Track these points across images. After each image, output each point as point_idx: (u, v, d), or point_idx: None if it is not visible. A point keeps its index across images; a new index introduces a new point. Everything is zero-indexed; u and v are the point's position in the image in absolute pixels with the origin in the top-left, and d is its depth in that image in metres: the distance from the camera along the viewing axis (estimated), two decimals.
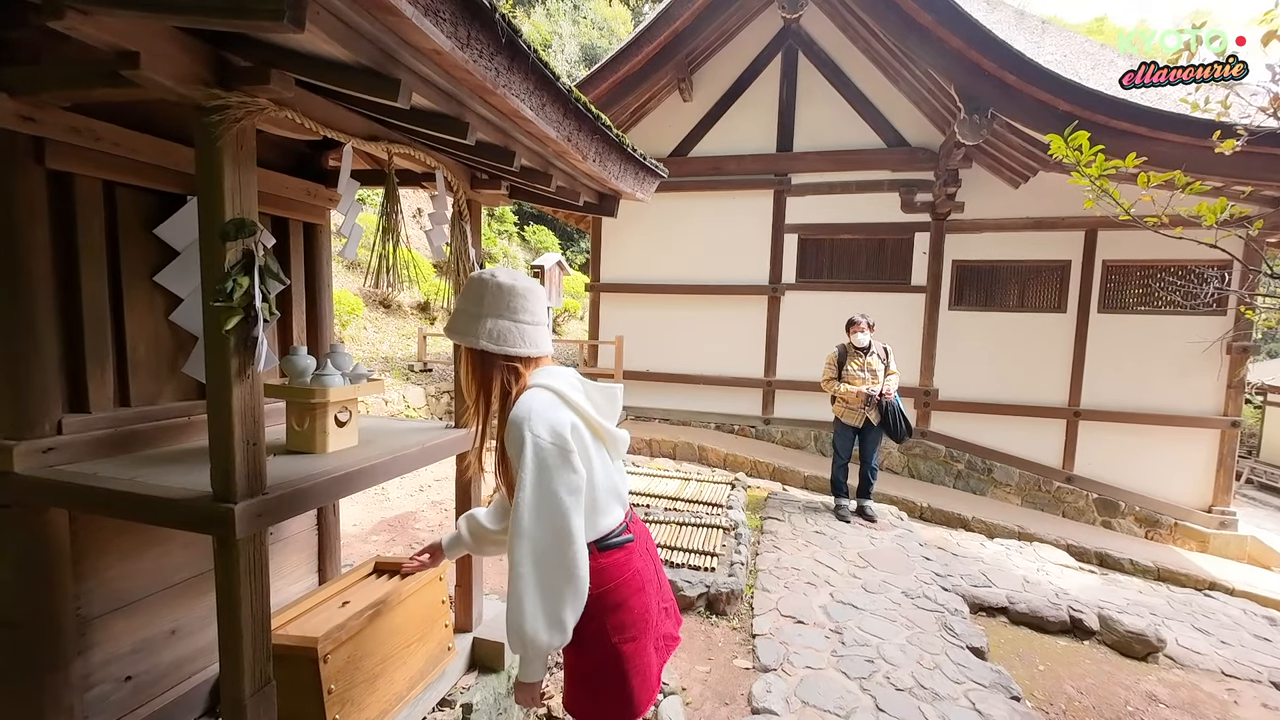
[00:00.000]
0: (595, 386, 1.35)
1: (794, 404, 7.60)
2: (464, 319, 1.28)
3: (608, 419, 1.33)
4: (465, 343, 1.28)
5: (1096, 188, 2.40)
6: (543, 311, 1.31)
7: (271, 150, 2.02)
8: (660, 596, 1.43)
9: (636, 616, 1.31)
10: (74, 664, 1.50)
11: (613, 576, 1.28)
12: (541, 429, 1.16)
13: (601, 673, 1.29)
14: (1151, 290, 6.55)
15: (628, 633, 1.29)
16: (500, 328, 1.24)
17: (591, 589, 1.21)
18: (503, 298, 1.25)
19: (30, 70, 1.30)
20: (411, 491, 5.20)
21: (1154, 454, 6.53)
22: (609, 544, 1.30)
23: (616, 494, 1.34)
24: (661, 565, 1.50)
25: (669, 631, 1.45)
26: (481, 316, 1.25)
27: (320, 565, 2.34)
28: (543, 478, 1.15)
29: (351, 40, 1.02)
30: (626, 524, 1.36)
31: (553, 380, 1.25)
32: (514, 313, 1.26)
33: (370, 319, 9.82)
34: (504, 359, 1.26)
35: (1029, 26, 7.58)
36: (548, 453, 1.15)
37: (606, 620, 1.27)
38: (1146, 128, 4.75)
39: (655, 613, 1.37)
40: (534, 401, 1.20)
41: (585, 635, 1.26)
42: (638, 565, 1.34)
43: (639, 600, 1.31)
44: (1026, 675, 3.03)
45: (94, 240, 1.54)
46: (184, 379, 1.80)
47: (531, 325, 1.28)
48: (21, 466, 1.38)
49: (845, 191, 7.35)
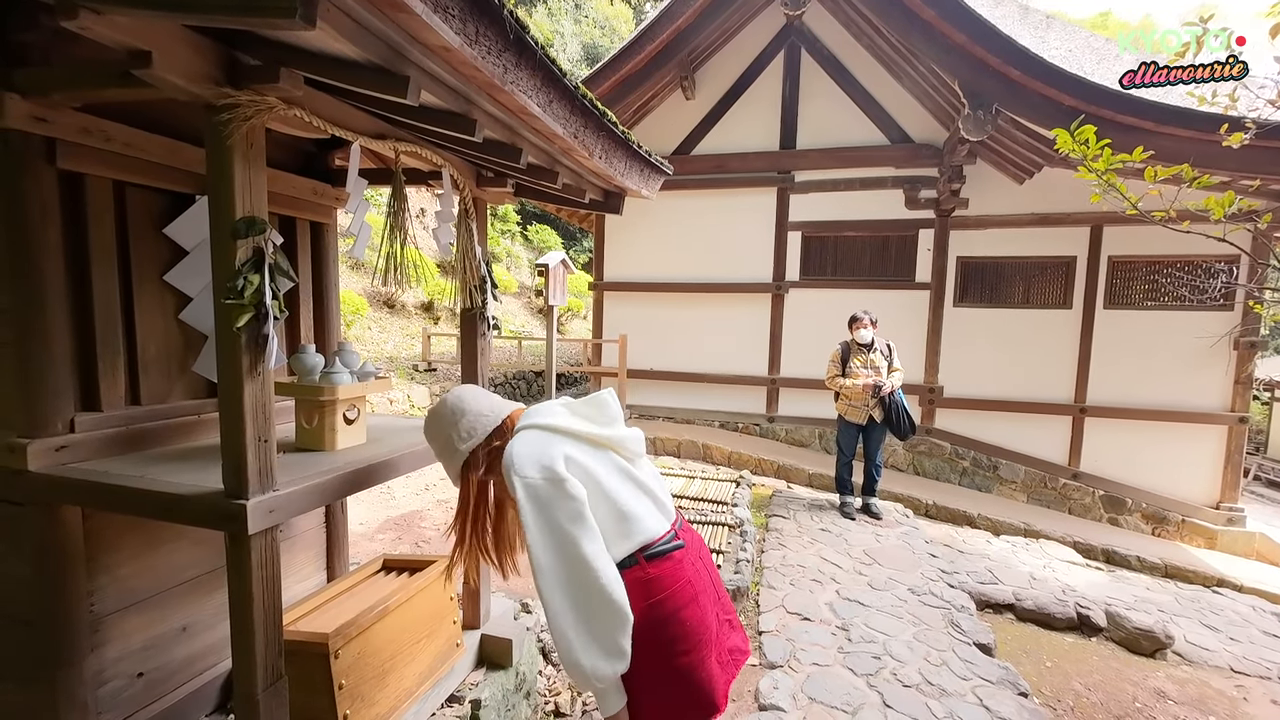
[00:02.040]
0: (581, 402, 1.36)
1: (798, 402, 7.59)
2: (445, 454, 1.37)
3: (605, 426, 1.31)
4: (460, 461, 1.35)
5: (1103, 182, 2.39)
6: (479, 396, 1.40)
7: (278, 149, 2.03)
8: (719, 607, 1.34)
9: (689, 629, 1.22)
10: (87, 660, 1.51)
11: (662, 587, 1.21)
12: (527, 468, 1.17)
13: (658, 691, 1.21)
14: (1158, 285, 6.52)
15: (680, 645, 1.21)
16: (464, 426, 1.34)
17: (639, 602, 1.17)
18: (447, 414, 1.36)
19: (41, 71, 1.31)
20: (417, 490, 5.22)
21: (1161, 450, 6.51)
22: (655, 552, 1.23)
23: (649, 500, 1.29)
24: (719, 574, 1.41)
25: (736, 645, 1.37)
26: (450, 438, 1.34)
27: (329, 563, 2.35)
28: (541, 515, 1.15)
29: (361, 37, 1.03)
30: (675, 531, 1.30)
31: (533, 417, 1.29)
32: (463, 413, 1.35)
33: (375, 319, 9.86)
34: (484, 444, 1.34)
35: (1033, 21, 7.55)
36: (538, 489, 1.16)
37: (657, 635, 1.19)
38: (1153, 122, 4.73)
39: (714, 624, 1.29)
40: (516, 447, 1.22)
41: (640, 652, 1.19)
42: (689, 575, 1.26)
43: (692, 612, 1.23)
44: (1034, 672, 3.03)
45: (105, 240, 1.55)
46: (194, 377, 1.81)
47: (479, 408, 1.36)
48: (35, 465, 1.39)
49: (849, 189, 7.34)
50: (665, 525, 1.29)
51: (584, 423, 1.30)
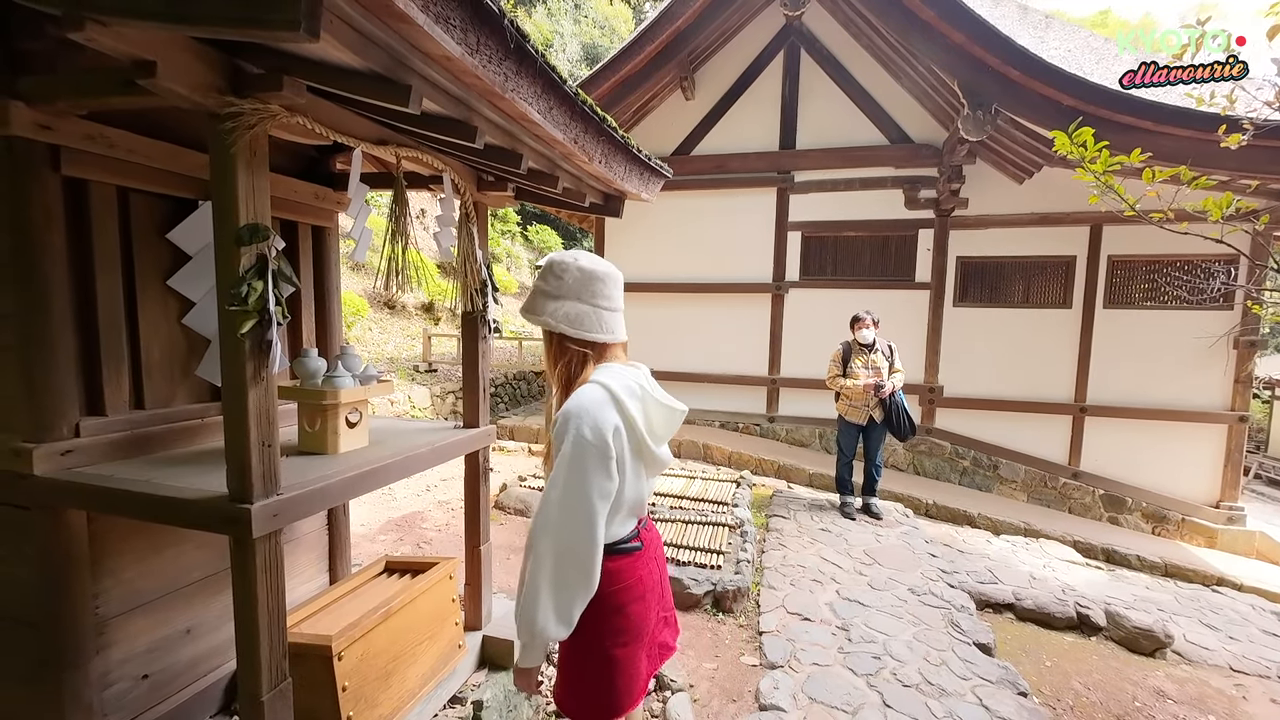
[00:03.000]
0: (657, 402, 1.30)
1: (799, 402, 7.60)
2: (541, 300, 1.28)
3: (657, 439, 1.30)
4: (540, 324, 1.28)
5: (1101, 183, 2.40)
6: (620, 298, 1.32)
7: (280, 154, 2.05)
8: (661, 605, 1.44)
9: (633, 623, 1.32)
10: (93, 662, 1.52)
11: (616, 581, 1.29)
12: (587, 427, 1.15)
13: (591, 673, 1.32)
14: (1157, 285, 6.52)
15: (621, 638, 1.31)
16: (578, 311, 1.25)
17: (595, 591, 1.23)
18: (584, 282, 1.26)
19: (46, 80, 1.32)
20: (418, 491, 5.23)
21: (1161, 450, 6.51)
22: (618, 549, 1.31)
23: (639, 506, 1.35)
24: (666, 573, 1.51)
25: (665, 640, 1.47)
26: (560, 299, 1.26)
27: (331, 565, 2.37)
28: (578, 477, 1.15)
29: (364, 48, 1.04)
30: (638, 531, 1.37)
31: (613, 380, 1.23)
32: (594, 297, 1.26)
33: (375, 320, 9.87)
34: (576, 343, 1.27)
35: (1032, 21, 7.55)
36: (589, 453, 1.15)
37: (604, 624, 1.29)
38: (1151, 122, 4.73)
39: (653, 621, 1.39)
40: (586, 398, 1.19)
41: (582, 635, 1.28)
42: (642, 573, 1.35)
43: (638, 608, 1.33)
44: (1033, 671, 3.04)
45: (108, 245, 1.57)
46: (197, 382, 1.82)
47: (609, 311, 1.29)
48: (41, 469, 1.40)
49: (849, 189, 7.34)
50: (632, 525, 1.35)
51: (644, 423, 1.26)
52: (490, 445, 2.34)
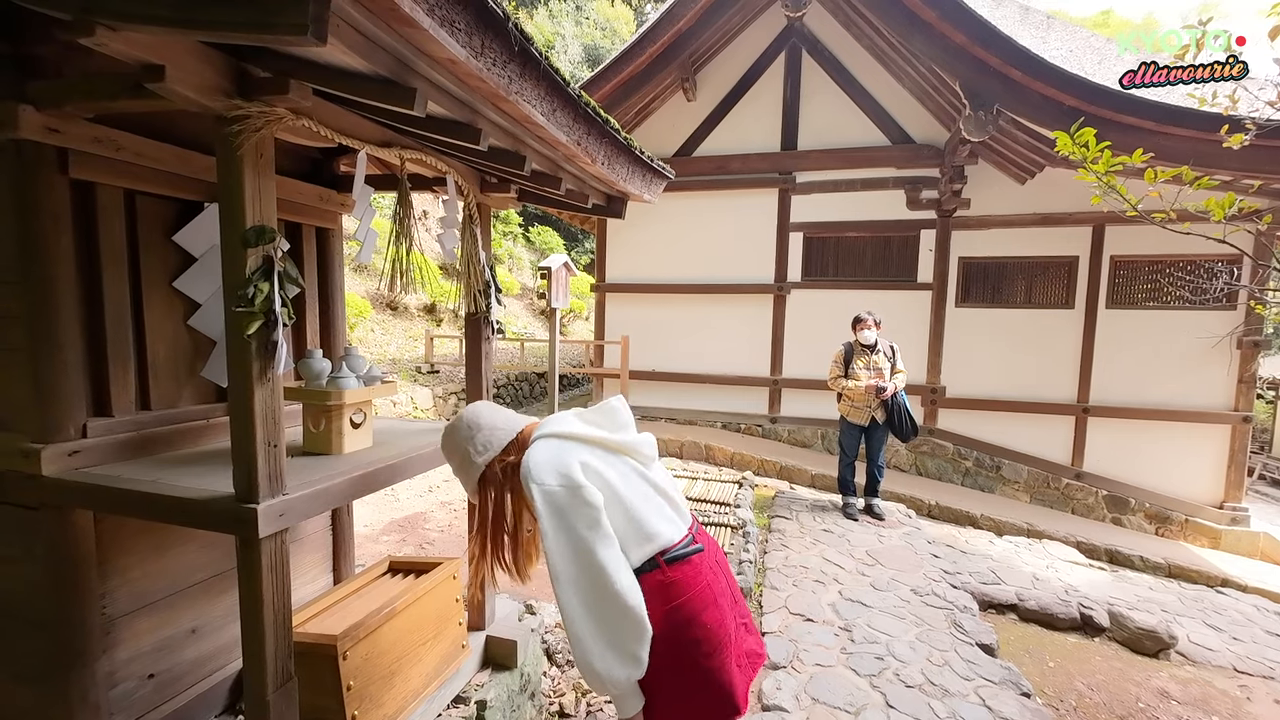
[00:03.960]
0: (592, 410, 1.38)
1: (801, 402, 7.60)
2: (463, 470, 1.39)
3: (617, 432, 1.33)
4: (476, 474, 1.36)
5: (1103, 184, 2.40)
6: (492, 412, 1.42)
7: (285, 156, 2.06)
8: (736, 611, 1.35)
9: (712, 632, 1.22)
10: (99, 662, 1.53)
11: (682, 591, 1.22)
12: (545, 476, 1.18)
13: (683, 695, 1.22)
14: (1160, 285, 6.51)
15: (703, 649, 1.21)
16: (479, 440, 1.36)
17: (661, 606, 1.18)
18: (463, 429, 1.38)
19: (54, 84, 1.33)
20: (421, 492, 5.25)
21: (1164, 450, 6.50)
22: (674, 556, 1.24)
23: (665, 504, 1.30)
24: (734, 578, 1.42)
25: (752, 648, 1.37)
26: (467, 453, 1.36)
27: (335, 565, 2.38)
28: (559, 521, 1.16)
29: (370, 51, 1.05)
30: (693, 534, 1.30)
31: (548, 427, 1.31)
32: (479, 428, 1.37)
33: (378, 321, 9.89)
34: (500, 457, 1.35)
35: (1034, 21, 7.55)
36: (556, 496, 1.17)
37: (681, 637, 1.20)
38: (1154, 122, 4.73)
39: (733, 627, 1.29)
40: (533, 456, 1.23)
41: (662, 658, 1.19)
42: (708, 578, 1.27)
43: (713, 615, 1.24)
44: (1036, 672, 3.03)
45: (115, 247, 1.58)
46: (202, 382, 1.83)
47: (492, 423, 1.38)
48: (49, 469, 1.41)
49: (850, 189, 7.35)
50: (683, 529, 1.30)
51: (596, 430, 1.31)
52: None
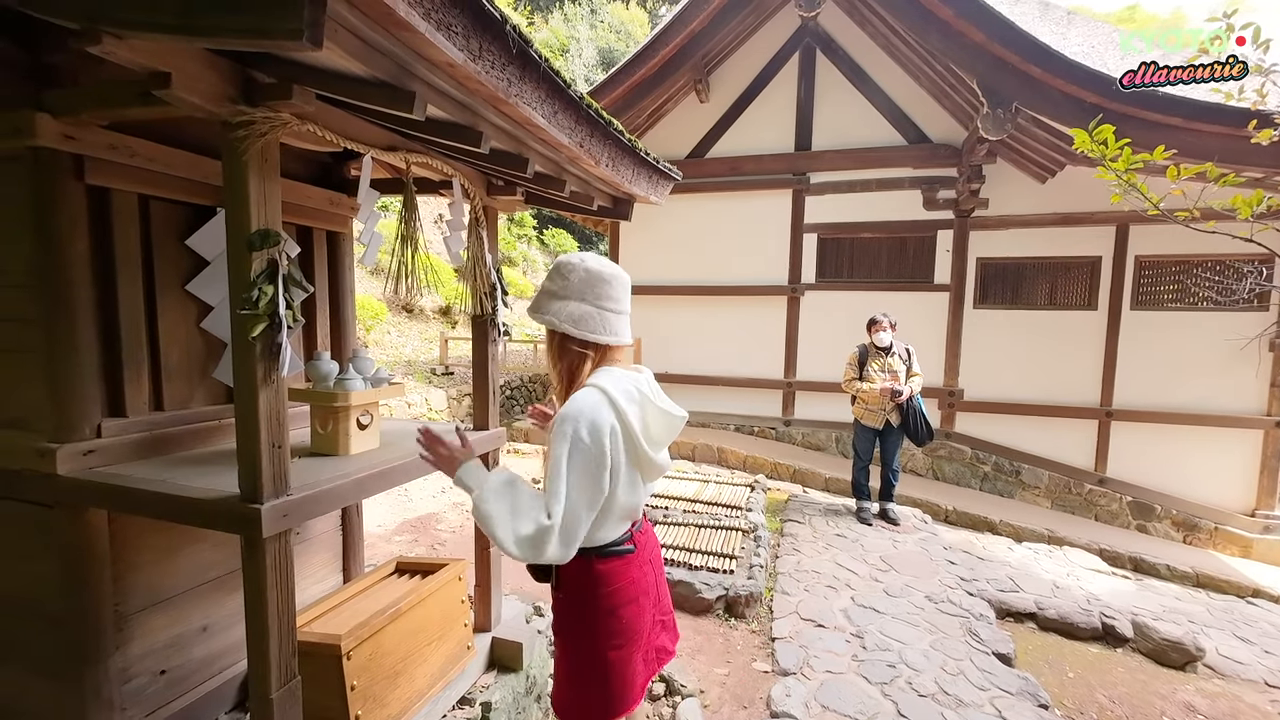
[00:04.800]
0: (656, 408, 1.28)
1: (814, 405, 7.53)
2: (546, 299, 1.28)
3: (655, 445, 1.29)
4: (545, 323, 1.27)
5: (1123, 182, 2.33)
6: (627, 301, 1.32)
7: (296, 162, 2.09)
8: (657, 609, 1.43)
9: (625, 625, 1.32)
10: (113, 658, 1.56)
11: (607, 583, 1.30)
12: (585, 429, 1.16)
13: (585, 676, 1.33)
14: (1187, 286, 6.32)
15: (615, 640, 1.31)
16: (582, 311, 1.25)
17: (585, 593, 1.27)
18: (590, 283, 1.26)
19: (70, 92, 1.37)
20: (434, 493, 5.29)
21: (1192, 455, 6.30)
22: (608, 551, 1.31)
23: (631, 511, 1.33)
24: (664, 577, 1.50)
25: (663, 645, 1.46)
26: (565, 299, 1.26)
27: (345, 565, 2.40)
28: (571, 480, 1.16)
29: (368, 56, 1.06)
30: (632, 534, 1.36)
31: (610, 384, 1.23)
32: (599, 299, 1.26)
33: (394, 323, 10.02)
34: (578, 344, 1.26)
35: (1054, 18, 7.39)
36: (588, 458, 1.16)
37: (597, 626, 1.30)
38: (1180, 118, 4.60)
39: (648, 624, 1.39)
40: (583, 401, 1.19)
41: (576, 638, 1.31)
42: (635, 575, 1.34)
43: (631, 610, 1.33)
44: (1055, 683, 2.95)
45: (130, 251, 1.61)
46: (214, 384, 1.86)
47: (614, 314, 1.28)
48: (64, 469, 1.45)
49: (865, 190, 7.26)
50: (625, 528, 1.34)
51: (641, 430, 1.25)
52: (502, 448, 2.35)
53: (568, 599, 1.34)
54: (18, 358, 1.51)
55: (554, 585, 1.36)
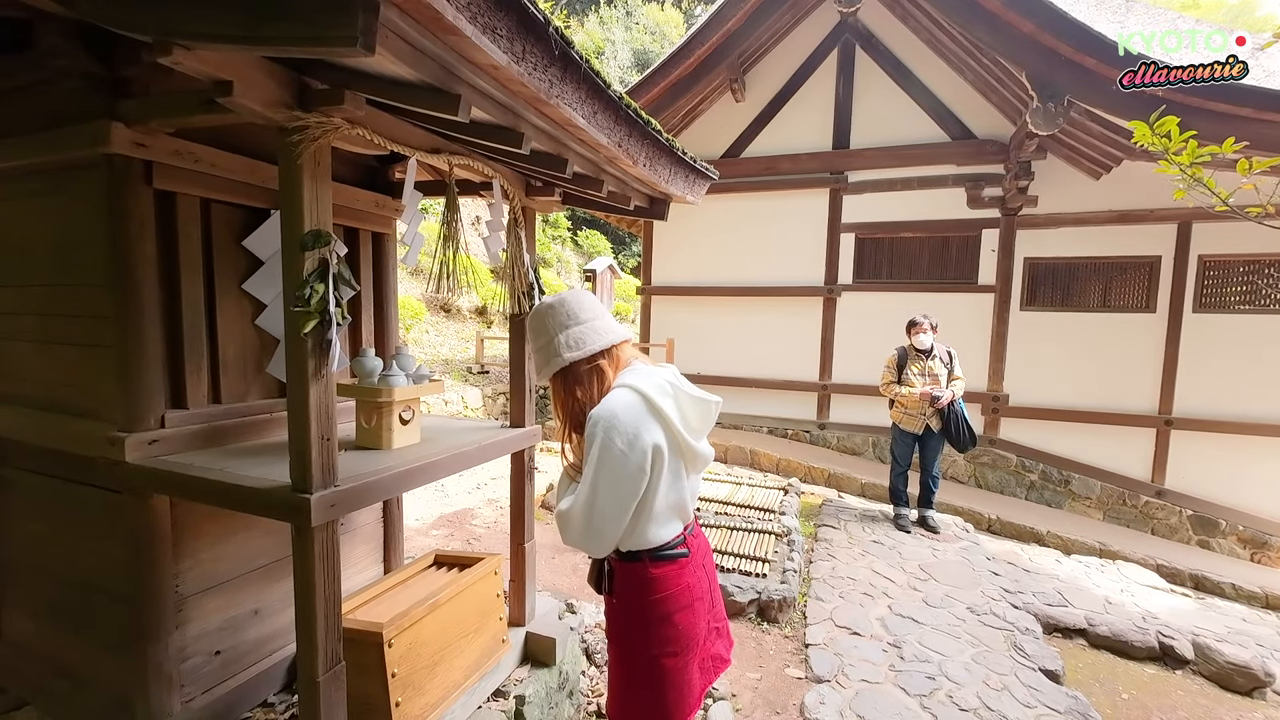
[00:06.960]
0: (690, 397, 1.29)
1: (851, 408, 7.37)
2: (544, 354, 1.33)
3: (695, 434, 1.29)
4: (554, 368, 1.30)
5: (1187, 177, 2.21)
6: (597, 308, 1.34)
7: (345, 165, 2.17)
8: (711, 615, 1.40)
9: (681, 632, 1.29)
10: (172, 636, 1.65)
11: (662, 588, 1.27)
12: (619, 437, 1.16)
13: (640, 682, 1.30)
14: (1256, 287, 5.93)
15: (669, 647, 1.28)
16: (571, 336, 1.29)
17: (639, 599, 1.25)
18: (559, 312, 1.31)
19: (141, 102, 1.46)
20: (469, 489, 5.40)
21: (1261, 467, 5.90)
22: (661, 555, 1.28)
23: (681, 509, 1.32)
24: (717, 582, 1.46)
25: (718, 652, 1.42)
26: (553, 338, 1.30)
27: (385, 556, 2.47)
28: (603, 485, 1.17)
29: (416, 60, 1.09)
30: (685, 537, 1.33)
31: (640, 381, 1.24)
32: (574, 319, 1.30)
33: (432, 323, 10.27)
34: (587, 362, 1.29)
35: (1110, 6, 7.05)
36: (619, 462, 1.16)
37: (650, 633, 1.28)
38: (1251, 109, 4.31)
39: (703, 631, 1.35)
40: (617, 402, 1.20)
41: (630, 645, 1.29)
42: (689, 581, 1.31)
43: (686, 617, 1.30)
44: (1108, 704, 2.81)
45: (192, 252, 1.70)
46: (268, 379, 1.95)
47: (593, 320, 1.31)
48: (132, 457, 1.54)
49: (906, 188, 7.07)
50: (677, 529, 1.32)
51: (680, 420, 1.26)
52: (536, 445, 2.38)
53: (621, 604, 1.31)
54: (96, 352, 1.61)
55: (607, 591, 1.34)
